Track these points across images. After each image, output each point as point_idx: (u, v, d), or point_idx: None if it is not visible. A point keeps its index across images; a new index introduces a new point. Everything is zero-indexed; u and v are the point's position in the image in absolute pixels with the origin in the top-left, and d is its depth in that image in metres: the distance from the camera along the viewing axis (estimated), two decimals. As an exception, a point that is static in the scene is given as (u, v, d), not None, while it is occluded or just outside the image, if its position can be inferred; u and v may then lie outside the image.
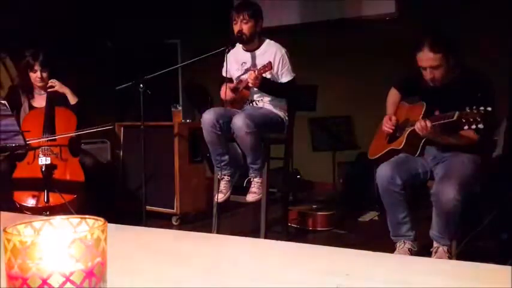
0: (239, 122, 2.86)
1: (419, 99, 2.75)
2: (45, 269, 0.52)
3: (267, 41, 3.18)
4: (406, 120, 2.76)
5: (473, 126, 2.24)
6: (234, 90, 3.17)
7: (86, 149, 3.80)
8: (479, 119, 2.22)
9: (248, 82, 3.00)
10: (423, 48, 2.48)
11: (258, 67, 3.01)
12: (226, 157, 3.07)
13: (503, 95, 3.25)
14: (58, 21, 4.85)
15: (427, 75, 2.53)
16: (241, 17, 3.05)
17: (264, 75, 2.98)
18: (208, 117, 2.97)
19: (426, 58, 2.49)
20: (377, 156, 2.85)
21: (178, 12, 6.04)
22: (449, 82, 2.57)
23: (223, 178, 3.12)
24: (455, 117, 2.30)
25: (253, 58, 3.15)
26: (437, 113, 2.53)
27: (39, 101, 3.50)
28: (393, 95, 2.95)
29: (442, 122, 2.40)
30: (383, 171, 2.57)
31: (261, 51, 3.15)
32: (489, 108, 2.22)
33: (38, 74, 3.42)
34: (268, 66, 2.93)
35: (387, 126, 2.80)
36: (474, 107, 2.24)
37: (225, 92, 3.07)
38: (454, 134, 2.50)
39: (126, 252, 0.95)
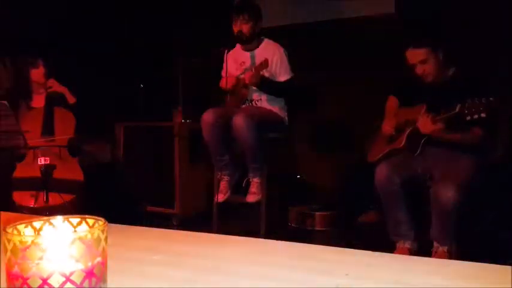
0: (239, 120, 2.86)
1: (419, 103, 2.75)
2: (45, 268, 0.52)
3: (266, 40, 3.19)
4: (406, 122, 2.76)
5: (476, 116, 2.25)
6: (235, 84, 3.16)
7: (86, 149, 3.80)
8: (481, 108, 2.23)
9: (246, 80, 3.00)
10: (408, 46, 2.57)
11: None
12: (226, 157, 3.08)
13: (503, 95, 3.24)
14: (58, 21, 4.85)
15: (418, 71, 2.59)
16: (240, 17, 3.05)
17: (261, 73, 2.98)
18: (207, 117, 2.98)
19: (412, 54, 2.58)
20: (377, 157, 2.85)
21: (178, 11, 6.04)
22: (446, 82, 2.59)
23: (223, 178, 3.12)
24: (457, 109, 2.32)
25: (252, 57, 3.16)
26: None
27: (38, 101, 3.49)
28: (391, 102, 2.95)
29: (445, 116, 2.41)
30: (382, 171, 2.58)
31: (259, 51, 3.16)
32: (491, 98, 2.23)
33: (42, 69, 3.41)
34: (265, 63, 2.93)
35: (387, 127, 2.81)
36: (476, 98, 2.26)
37: (225, 82, 3.07)
38: (456, 130, 2.51)
39: (126, 252, 0.95)
